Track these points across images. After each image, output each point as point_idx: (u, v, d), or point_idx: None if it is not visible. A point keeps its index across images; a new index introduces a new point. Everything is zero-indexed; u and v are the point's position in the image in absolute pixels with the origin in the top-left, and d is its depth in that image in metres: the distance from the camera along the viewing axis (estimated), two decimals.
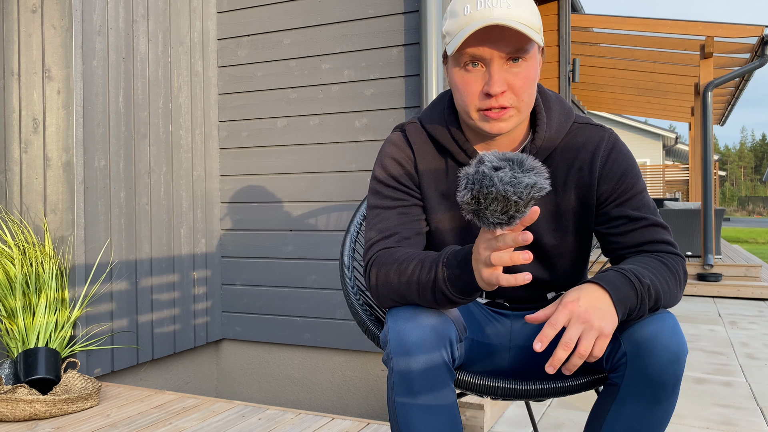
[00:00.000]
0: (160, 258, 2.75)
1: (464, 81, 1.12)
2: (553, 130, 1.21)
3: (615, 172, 1.20)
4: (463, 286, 1.01)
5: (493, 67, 1.09)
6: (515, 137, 1.22)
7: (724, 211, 6.79)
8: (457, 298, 1.04)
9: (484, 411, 2.25)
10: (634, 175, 1.20)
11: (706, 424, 2.42)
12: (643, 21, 6.11)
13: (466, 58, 1.11)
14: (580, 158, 1.21)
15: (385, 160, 1.25)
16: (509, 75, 1.10)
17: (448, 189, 1.24)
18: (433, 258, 1.06)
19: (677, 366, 1.03)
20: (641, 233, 1.17)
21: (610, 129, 1.25)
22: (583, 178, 1.21)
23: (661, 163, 22.03)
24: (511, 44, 1.08)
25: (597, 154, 1.20)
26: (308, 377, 2.94)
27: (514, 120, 1.13)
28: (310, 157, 2.87)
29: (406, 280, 1.08)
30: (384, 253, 1.15)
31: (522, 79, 1.10)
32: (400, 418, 1.07)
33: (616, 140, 1.23)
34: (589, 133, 1.23)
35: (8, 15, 2.50)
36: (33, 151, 2.46)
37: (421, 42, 2.56)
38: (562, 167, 1.22)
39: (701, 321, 4.61)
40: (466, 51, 1.10)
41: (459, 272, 1.01)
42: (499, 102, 1.10)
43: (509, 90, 1.11)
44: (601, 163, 1.20)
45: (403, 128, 1.29)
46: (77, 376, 2.24)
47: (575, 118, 1.25)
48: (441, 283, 1.03)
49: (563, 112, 1.24)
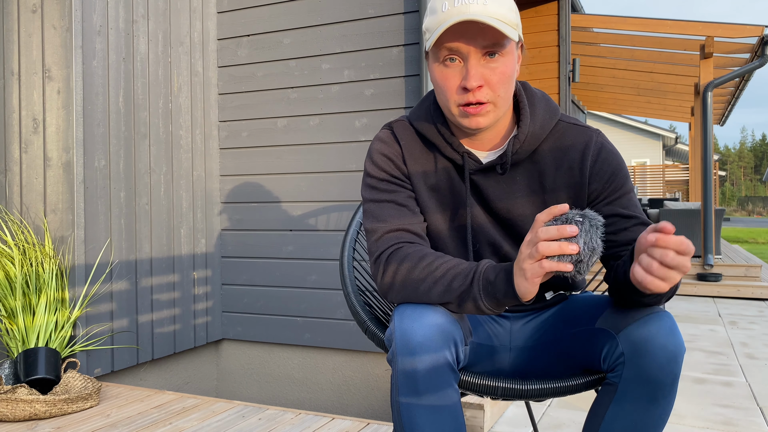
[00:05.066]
0: (160, 258, 2.75)
1: (443, 76, 1.15)
2: (537, 125, 1.23)
3: (605, 171, 1.22)
4: (497, 294, 1.03)
5: (470, 62, 1.12)
6: (499, 131, 1.23)
7: (724, 211, 6.79)
8: (485, 306, 1.05)
9: (484, 411, 2.25)
10: (624, 175, 1.23)
11: (706, 424, 2.42)
12: (643, 21, 6.11)
13: (445, 53, 1.14)
14: (569, 158, 1.23)
15: (374, 156, 1.27)
16: (486, 70, 1.12)
17: (436, 183, 1.26)
18: (471, 267, 1.08)
19: (675, 365, 1.04)
20: (634, 231, 1.19)
21: (597, 129, 1.27)
22: (574, 178, 1.23)
23: (661, 163, 22.03)
24: (487, 39, 1.11)
25: (587, 154, 1.22)
26: (308, 377, 2.94)
27: (491, 115, 1.16)
28: (310, 157, 2.87)
29: (433, 281, 1.08)
30: (405, 249, 1.15)
31: (499, 75, 1.13)
32: (405, 417, 1.07)
33: (604, 140, 1.25)
34: (577, 133, 1.25)
35: (8, 15, 2.50)
36: (33, 151, 2.46)
37: (421, 42, 2.56)
38: (551, 166, 1.24)
39: (701, 321, 4.61)
40: (443, 46, 1.13)
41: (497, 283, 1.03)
42: (476, 97, 1.12)
43: (486, 85, 1.13)
44: (592, 161, 1.22)
45: (391, 126, 1.31)
46: (77, 376, 2.25)
47: (561, 117, 1.27)
48: (476, 291, 1.05)
49: (548, 109, 1.26)
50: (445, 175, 1.26)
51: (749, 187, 68.00)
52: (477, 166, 1.23)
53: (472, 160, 1.23)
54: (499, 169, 1.23)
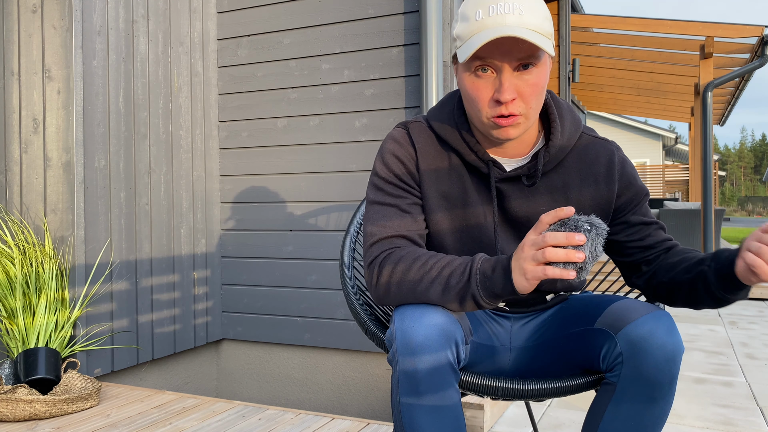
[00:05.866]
0: (160, 258, 2.75)
1: (475, 87, 1.13)
2: (565, 138, 1.24)
3: (630, 183, 1.27)
4: (495, 288, 1.03)
5: (503, 75, 1.09)
6: (526, 142, 1.23)
7: (723, 211, 6.79)
8: (484, 302, 1.05)
9: (484, 411, 2.25)
10: (641, 183, 1.29)
11: (706, 424, 2.42)
12: (643, 21, 6.11)
13: (477, 63, 1.11)
14: (594, 171, 1.25)
15: (386, 156, 1.24)
16: (519, 82, 1.10)
17: (449, 189, 1.24)
18: (465, 263, 1.07)
19: (673, 365, 1.04)
20: (655, 235, 1.26)
21: (613, 141, 1.31)
22: (600, 191, 1.25)
23: (661, 163, 22.03)
24: (522, 52, 1.08)
25: (612, 169, 1.26)
26: (308, 377, 2.94)
27: (522, 127, 1.14)
28: (310, 157, 2.88)
29: (430, 280, 1.08)
30: (398, 252, 1.14)
31: (532, 87, 1.11)
32: (405, 418, 1.07)
33: (622, 152, 1.30)
34: (600, 146, 1.28)
35: (8, 15, 2.50)
36: (33, 151, 2.46)
37: (421, 42, 2.57)
38: (576, 179, 1.25)
39: (701, 321, 4.61)
40: (476, 56, 1.10)
41: (495, 278, 1.03)
42: (509, 109, 1.10)
43: (519, 97, 1.11)
44: (619, 176, 1.26)
45: (407, 126, 1.28)
46: (77, 376, 2.25)
47: (583, 129, 1.29)
48: (474, 287, 1.04)
49: (573, 122, 1.26)
50: (460, 182, 1.24)
51: (749, 187, 68.01)
52: (501, 174, 1.22)
53: (496, 168, 1.22)
54: (526, 181, 1.22)
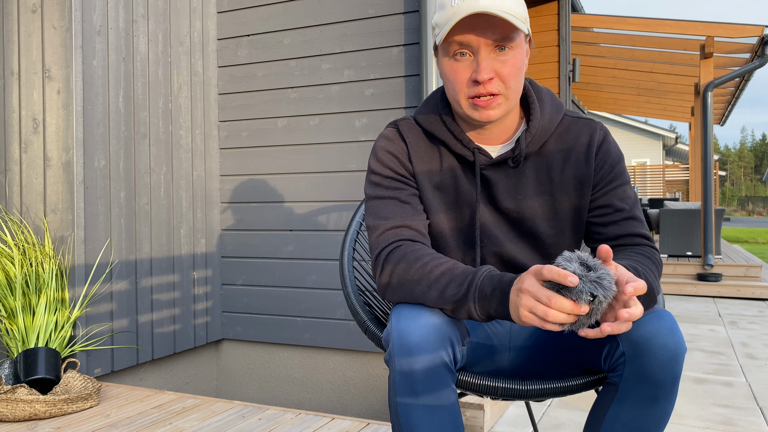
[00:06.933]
0: (160, 258, 2.75)
1: (453, 70, 1.16)
2: (546, 119, 1.25)
3: (606, 161, 1.25)
4: (490, 309, 1.04)
5: (480, 55, 1.13)
6: (508, 126, 1.24)
7: (724, 211, 6.79)
8: (478, 317, 1.06)
9: (484, 411, 2.25)
10: (623, 167, 1.27)
11: (706, 424, 2.42)
12: (643, 21, 6.11)
13: (455, 48, 1.15)
14: (576, 150, 1.25)
15: (379, 153, 1.27)
16: (496, 63, 1.14)
17: (442, 182, 1.26)
18: (466, 275, 1.07)
19: (675, 365, 1.04)
20: (621, 226, 1.22)
21: (601, 122, 1.30)
22: (580, 169, 1.25)
23: (661, 163, 22.03)
24: (497, 32, 1.12)
25: (592, 144, 1.25)
26: (308, 377, 2.94)
27: (502, 107, 1.17)
28: (310, 157, 2.87)
29: (428, 284, 1.09)
30: (402, 250, 1.15)
31: (509, 67, 1.14)
32: (402, 418, 1.07)
33: (607, 132, 1.29)
34: (582, 125, 1.28)
35: (8, 15, 2.50)
36: (33, 151, 2.46)
37: (421, 42, 2.56)
38: (558, 160, 1.25)
39: (701, 321, 4.61)
40: (453, 39, 1.14)
41: (492, 301, 1.03)
42: (487, 89, 1.14)
43: (497, 77, 1.14)
44: (596, 151, 1.25)
45: (396, 124, 1.31)
46: (77, 376, 2.25)
47: (566, 112, 1.30)
48: (471, 303, 1.05)
49: (554, 105, 1.28)
50: (451, 173, 1.26)
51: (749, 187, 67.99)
52: (487, 161, 1.23)
53: (482, 155, 1.23)
54: (511, 163, 1.23)
